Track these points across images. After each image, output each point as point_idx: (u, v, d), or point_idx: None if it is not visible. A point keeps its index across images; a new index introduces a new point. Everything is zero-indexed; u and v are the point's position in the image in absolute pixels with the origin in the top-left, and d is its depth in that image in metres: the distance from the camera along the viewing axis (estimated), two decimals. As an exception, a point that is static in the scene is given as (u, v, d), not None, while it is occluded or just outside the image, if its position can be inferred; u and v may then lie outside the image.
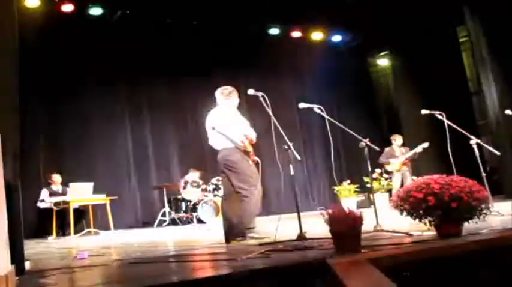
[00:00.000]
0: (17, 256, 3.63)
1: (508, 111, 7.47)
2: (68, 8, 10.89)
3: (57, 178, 10.95)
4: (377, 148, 5.85)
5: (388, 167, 11.01)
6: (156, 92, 11.72)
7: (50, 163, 10.72)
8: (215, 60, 11.70)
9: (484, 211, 4.12)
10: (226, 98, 5.95)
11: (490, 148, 7.27)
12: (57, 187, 10.95)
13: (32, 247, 7.47)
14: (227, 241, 5.55)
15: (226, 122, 5.76)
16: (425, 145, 10.43)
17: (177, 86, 11.34)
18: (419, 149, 10.76)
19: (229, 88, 6.01)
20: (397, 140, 11.32)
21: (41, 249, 7.45)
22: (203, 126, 5.95)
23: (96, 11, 11.23)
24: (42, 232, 10.19)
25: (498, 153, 7.26)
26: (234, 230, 5.58)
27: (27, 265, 4.12)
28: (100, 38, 11.26)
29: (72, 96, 10.99)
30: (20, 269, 3.69)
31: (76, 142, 10.83)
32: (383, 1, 11.23)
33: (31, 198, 10.44)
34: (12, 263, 3.45)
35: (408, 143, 11.24)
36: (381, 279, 2.82)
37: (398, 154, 11.17)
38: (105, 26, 11.28)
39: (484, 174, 6.76)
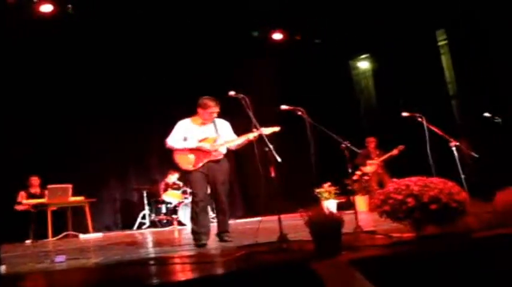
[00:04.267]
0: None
1: (486, 114, 7.55)
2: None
3: (35, 180, 10.88)
4: (358, 150, 5.90)
5: (365, 169, 11.12)
6: (135, 92, 11.65)
7: (28, 164, 10.61)
8: (197, 59, 11.68)
9: (462, 213, 4.17)
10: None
11: (468, 150, 7.35)
12: (35, 189, 10.87)
13: (9, 251, 7.39)
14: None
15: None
16: (401, 147, 10.54)
17: (158, 86, 11.26)
18: (394, 151, 10.87)
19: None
20: (372, 143, 11.44)
21: (18, 253, 7.38)
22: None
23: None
24: (19, 235, 10.02)
25: (476, 155, 7.34)
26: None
27: (3, 269, 4.09)
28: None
29: (51, 97, 10.90)
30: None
31: (54, 143, 10.74)
32: (363, 6, 11.30)
33: (7, 200, 10.38)
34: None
35: (388, 145, 11.35)
36: (361, 281, 2.84)
37: (373, 156, 11.29)
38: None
39: (462, 176, 6.83)
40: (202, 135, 5.99)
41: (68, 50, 11.02)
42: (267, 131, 5.62)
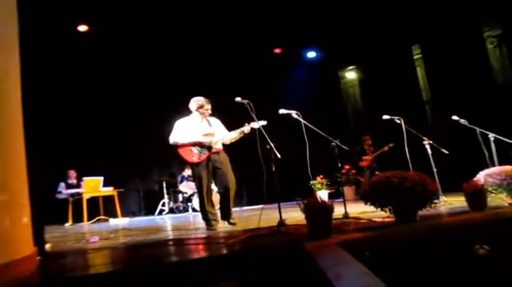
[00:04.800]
0: (38, 239, 3.62)
1: (454, 117, 7.52)
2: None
3: (72, 173, 11.00)
4: (346, 148, 5.87)
5: (361, 163, 11.16)
6: (154, 99, 11.63)
7: (66, 160, 10.67)
8: (208, 71, 11.68)
9: (435, 201, 4.16)
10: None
11: (440, 148, 7.32)
12: (72, 180, 10.96)
13: (51, 232, 7.41)
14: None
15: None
16: (391, 144, 10.53)
17: (174, 94, 11.20)
18: (385, 147, 10.87)
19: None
20: (368, 140, 11.45)
21: (59, 234, 7.40)
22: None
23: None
24: (60, 219, 10.17)
25: (446, 152, 7.31)
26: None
27: (47, 247, 4.10)
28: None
29: (85, 105, 10.92)
30: (41, 251, 3.68)
31: (89, 142, 10.76)
32: (351, 24, 11.29)
33: (50, 190, 10.47)
34: (34, 245, 3.44)
35: (374, 143, 11.38)
36: (348, 258, 2.83)
37: (368, 153, 11.30)
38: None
39: (435, 169, 6.81)
40: (202, 131, 5.90)
41: (101, 61, 11.02)
42: (255, 125, 5.60)
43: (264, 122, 5.60)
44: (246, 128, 5.77)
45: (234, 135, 5.95)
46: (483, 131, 7.25)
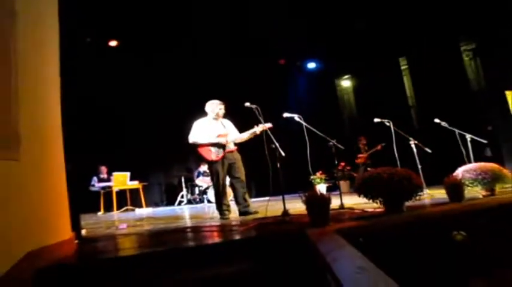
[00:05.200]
0: (75, 225, 3.66)
1: (436, 120, 7.51)
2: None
3: (103, 169, 11.07)
4: (341, 147, 5.88)
5: (356, 160, 11.18)
6: (174, 103, 11.66)
7: (99, 157, 10.76)
8: (220, 79, 11.70)
9: (419, 193, 4.17)
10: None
11: (423, 147, 7.31)
12: (103, 175, 11.02)
13: (86, 220, 7.47)
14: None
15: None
16: (383, 144, 10.53)
17: (191, 99, 11.18)
18: (378, 147, 10.87)
19: (207, 102, 6.05)
20: (363, 140, 11.47)
21: (93, 221, 7.45)
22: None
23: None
24: (93, 209, 10.29)
25: (429, 151, 7.29)
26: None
27: (83, 232, 4.15)
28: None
29: (115, 108, 10.99)
30: (78, 235, 3.72)
31: (118, 142, 10.83)
32: (346, 38, 11.30)
33: (85, 183, 10.58)
34: (72, 230, 3.48)
35: (368, 143, 11.39)
36: (343, 243, 2.85)
37: (363, 151, 11.31)
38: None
39: (419, 166, 6.81)
40: (217, 132, 5.85)
41: (127, 71, 11.09)
42: (261, 127, 5.59)
43: (269, 125, 5.60)
44: (258, 129, 5.71)
45: (245, 136, 5.92)
46: (461, 133, 7.25)
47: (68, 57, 3.77)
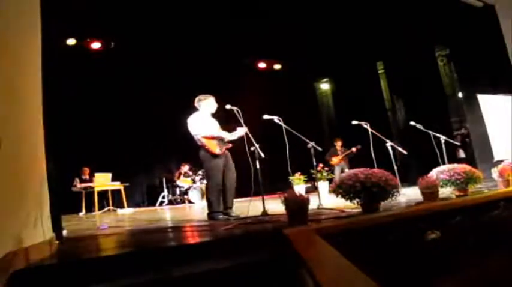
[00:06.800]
0: (56, 225, 3.60)
1: (412, 123, 7.62)
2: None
3: (86, 170, 10.95)
4: (320, 149, 5.92)
5: (331, 162, 11.23)
6: (156, 106, 11.56)
7: (80, 158, 10.63)
8: (200, 82, 11.62)
9: (395, 194, 4.21)
10: (197, 105, 5.71)
11: (399, 149, 7.41)
12: (85, 176, 10.89)
13: (67, 220, 7.37)
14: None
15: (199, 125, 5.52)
16: (358, 146, 10.62)
17: (171, 102, 11.09)
18: (353, 149, 10.96)
19: (201, 96, 5.75)
20: (338, 142, 11.55)
21: (74, 221, 7.36)
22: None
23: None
24: (74, 209, 10.16)
25: (405, 152, 7.38)
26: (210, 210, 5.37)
27: (64, 232, 4.09)
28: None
29: (95, 110, 10.87)
30: (59, 236, 3.66)
31: (99, 143, 10.70)
32: (325, 43, 11.37)
33: (66, 184, 10.40)
34: (53, 231, 3.42)
35: (344, 145, 11.47)
36: (321, 242, 2.86)
37: (338, 153, 11.38)
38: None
39: (395, 167, 6.89)
40: (217, 127, 5.63)
41: (109, 73, 10.99)
42: (242, 130, 5.41)
43: (245, 129, 5.40)
44: (242, 133, 5.46)
45: (235, 138, 5.61)
46: (436, 135, 7.36)
47: (50, 56, 3.71)
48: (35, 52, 3.44)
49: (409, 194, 6.37)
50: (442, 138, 7.27)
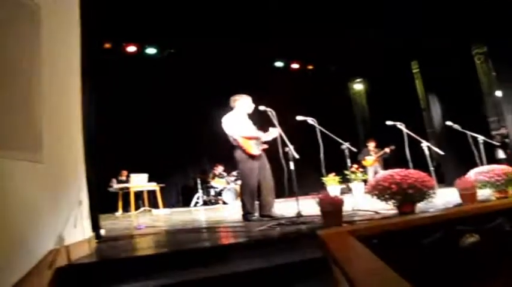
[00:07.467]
0: (95, 225, 3.69)
1: (448, 123, 7.43)
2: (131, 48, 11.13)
3: (124, 172, 11.18)
4: (355, 149, 5.86)
5: (364, 163, 11.07)
6: (190, 112, 11.70)
7: (120, 161, 10.87)
8: (234, 83, 11.66)
9: (431, 195, 4.12)
10: (232, 105, 5.62)
11: (436, 149, 7.24)
12: (122, 177, 11.10)
13: (105, 220, 7.53)
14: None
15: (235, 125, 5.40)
16: (392, 147, 10.43)
17: (205, 103, 11.18)
18: (387, 150, 10.77)
19: (237, 96, 5.67)
20: (371, 143, 11.38)
21: (112, 221, 7.52)
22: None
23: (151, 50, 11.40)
24: (111, 209, 10.37)
25: (442, 153, 7.21)
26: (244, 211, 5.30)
27: (103, 232, 4.18)
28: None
29: (134, 115, 11.08)
30: (97, 235, 3.75)
31: (137, 146, 10.90)
32: (358, 42, 11.25)
33: (104, 184, 10.65)
34: (92, 230, 3.51)
35: (378, 146, 11.29)
36: (356, 244, 2.82)
37: (371, 154, 11.21)
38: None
39: (431, 168, 6.73)
40: (253, 128, 5.52)
41: (144, 76, 11.19)
42: (276, 131, 5.22)
43: (278, 129, 5.22)
44: (275, 134, 5.30)
45: (268, 139, 5.53)
46: (473, 135, 7.15)
47: (89, 60, 3.81)
48: (75, 55, 3.54)
49: (446, 195, 6.21)
50: (480, 138, 7.05)
